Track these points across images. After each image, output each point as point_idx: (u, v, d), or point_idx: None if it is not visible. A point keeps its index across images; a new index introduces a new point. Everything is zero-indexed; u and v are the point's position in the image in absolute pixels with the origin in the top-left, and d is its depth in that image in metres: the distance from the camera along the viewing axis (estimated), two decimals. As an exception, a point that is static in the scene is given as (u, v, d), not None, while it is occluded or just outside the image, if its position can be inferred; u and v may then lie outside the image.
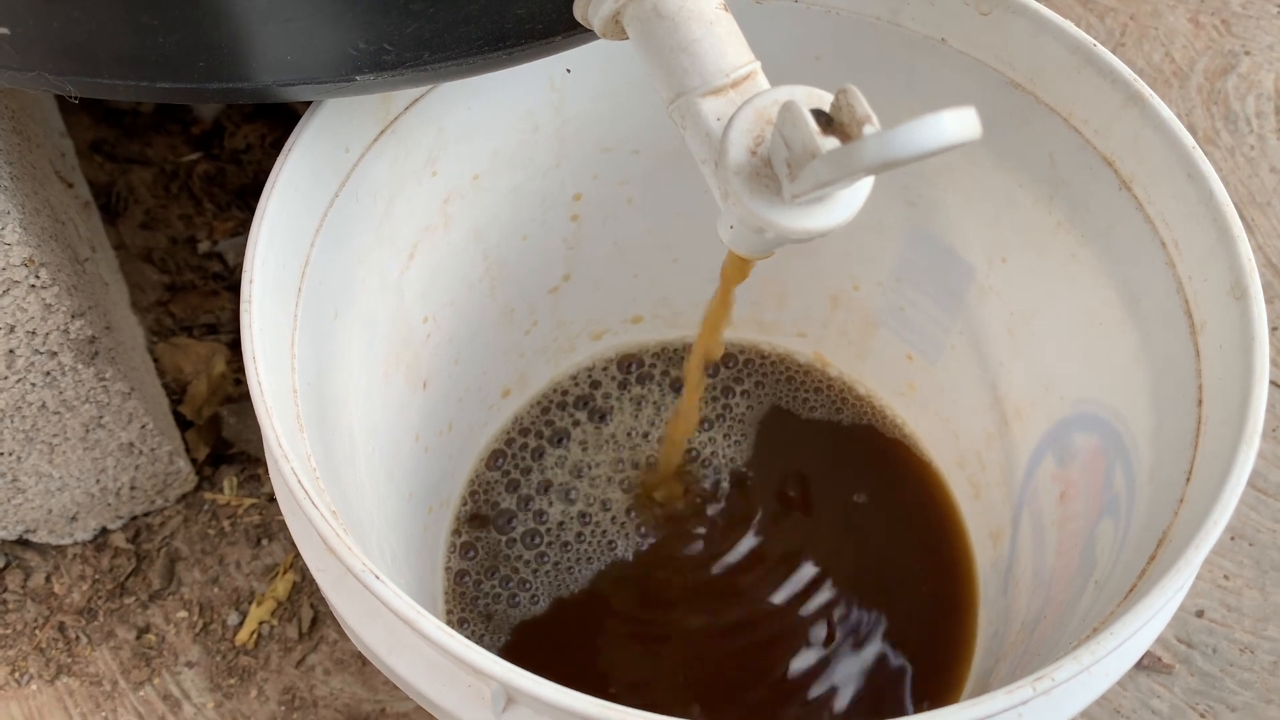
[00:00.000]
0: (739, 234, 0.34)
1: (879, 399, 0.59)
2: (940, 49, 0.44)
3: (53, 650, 0.57)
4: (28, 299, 0.46)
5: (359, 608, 0.34)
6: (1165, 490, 0.37)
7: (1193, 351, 0.38)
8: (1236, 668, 0.57)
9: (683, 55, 0.33)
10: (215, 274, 0.69)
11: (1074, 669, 0.30)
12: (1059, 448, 0.47)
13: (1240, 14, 0.81)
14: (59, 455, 0.54)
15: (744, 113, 0.31)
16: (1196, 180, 0.38)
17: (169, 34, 0.30)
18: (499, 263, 0.52)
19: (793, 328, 0.60)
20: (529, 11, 0.34)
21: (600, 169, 0.51)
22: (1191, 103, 0.77)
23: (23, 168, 0.49)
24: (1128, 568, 0.37)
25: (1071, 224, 0.44)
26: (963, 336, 0.53)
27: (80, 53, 0.31)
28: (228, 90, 0.34)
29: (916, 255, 0.52)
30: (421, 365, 0.50)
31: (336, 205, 0.40)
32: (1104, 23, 0.81)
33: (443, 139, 0.45)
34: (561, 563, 0.54)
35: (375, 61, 0.33)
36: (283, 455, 0.32)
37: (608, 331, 0.60)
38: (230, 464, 0.63)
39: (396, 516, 0.48)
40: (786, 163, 0.29)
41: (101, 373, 0.51)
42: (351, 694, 0.56)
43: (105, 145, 0.73)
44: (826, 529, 0.56)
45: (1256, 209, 0.73)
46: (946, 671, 0.51)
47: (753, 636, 0.53)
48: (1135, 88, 0.40)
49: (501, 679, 0.29)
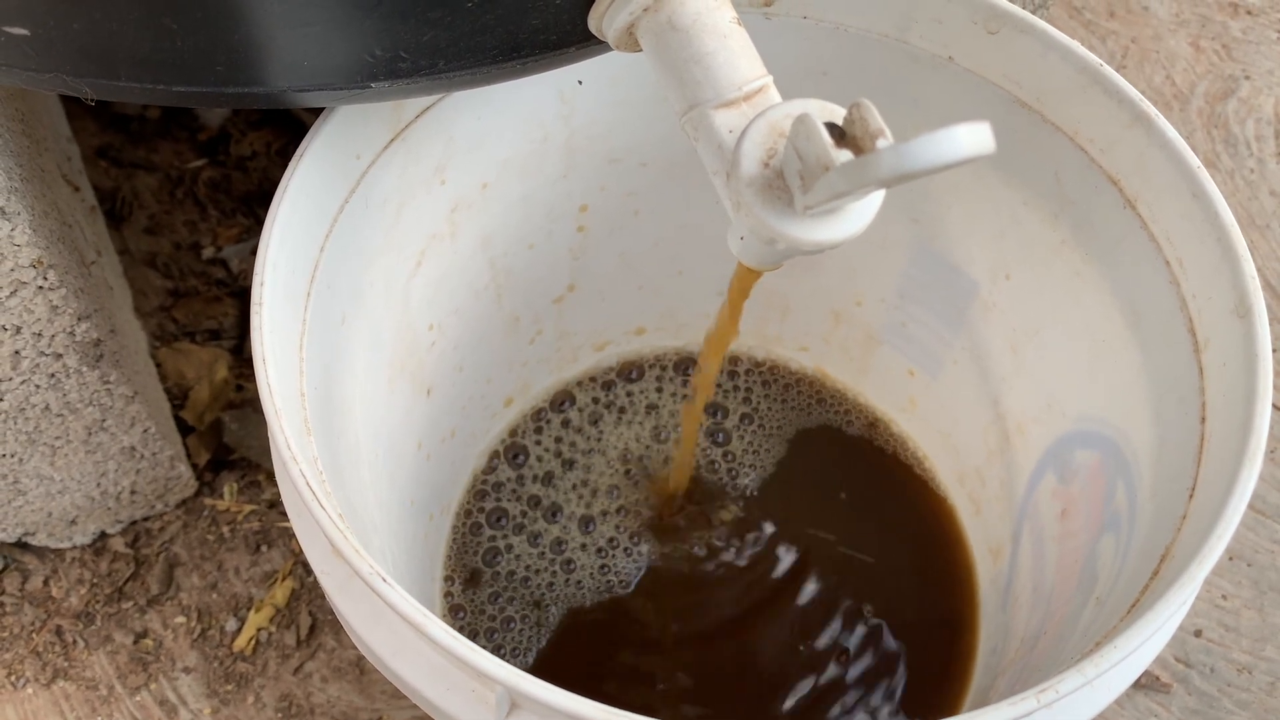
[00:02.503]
0: (749, 245, 0.34)
1: (880, 414, 0.59)
2: (947, 67, 0.44)
3: (49, 654, 0.57)
4: (35, 300, 0.46)
5: (364, 611, 0.34)
6: (1167, 506, 0.37)
7: (1196, 369, 0.38)
8: (1234, 688, 0.57)
9: (696, 68, 0.33)
10: (219, 280, 0.70)
11: (1078, 681, 0.30)
12: (1060, 464, 0.48)
13: (1241, 39, 0.82)
14: (61, 458, 0.54)
15: (757, 125, 0.31)
16: (1201, 199, 0.39)
17: (188, 37, 0.31)
18: (505, 272, 0.52)
19: (795, 342, 0.60)
20: (544, 22, 0.34)
21: (608, 180, 0.51)
22: (1192, 126, 0.78)
23: (32, 170, 0.49)
24: (1130, 583, 0.37)
25: (1076, 241, 0.44)
26: (965, 352, 0.53)
27: (99, 55, 0.31)
28: (243, 95, 0.34)
29: (920, 271, 0.52)
30: (426, 372, 0.50)
31: (346, 211, 0.41)
32: (1105, 45, 0.82)
33: (452, 148, 0.45)
34: (561, 573, 0.54)
35: (391, 69, 0.33)
36: (291, 458, 0.32)
37: (611, 342, 0.60)
38: (231, 470, 0.63)
39: (398, 522, 0.48)
40: (799, 175, 0.29)
41: (106, 376, 0.51)
42: (349, 702, 0.56)
43: (111, 150, 0.74)
44: (826, 543, 0.56)
45: (1256, 232, 0.73)
46: (946, 688, 0.51)
47: (751, 650, 0.53)
48: (1141, 108, 0.40)
49: (506, 683, 0.29)
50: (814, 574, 0.55)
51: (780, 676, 0.52)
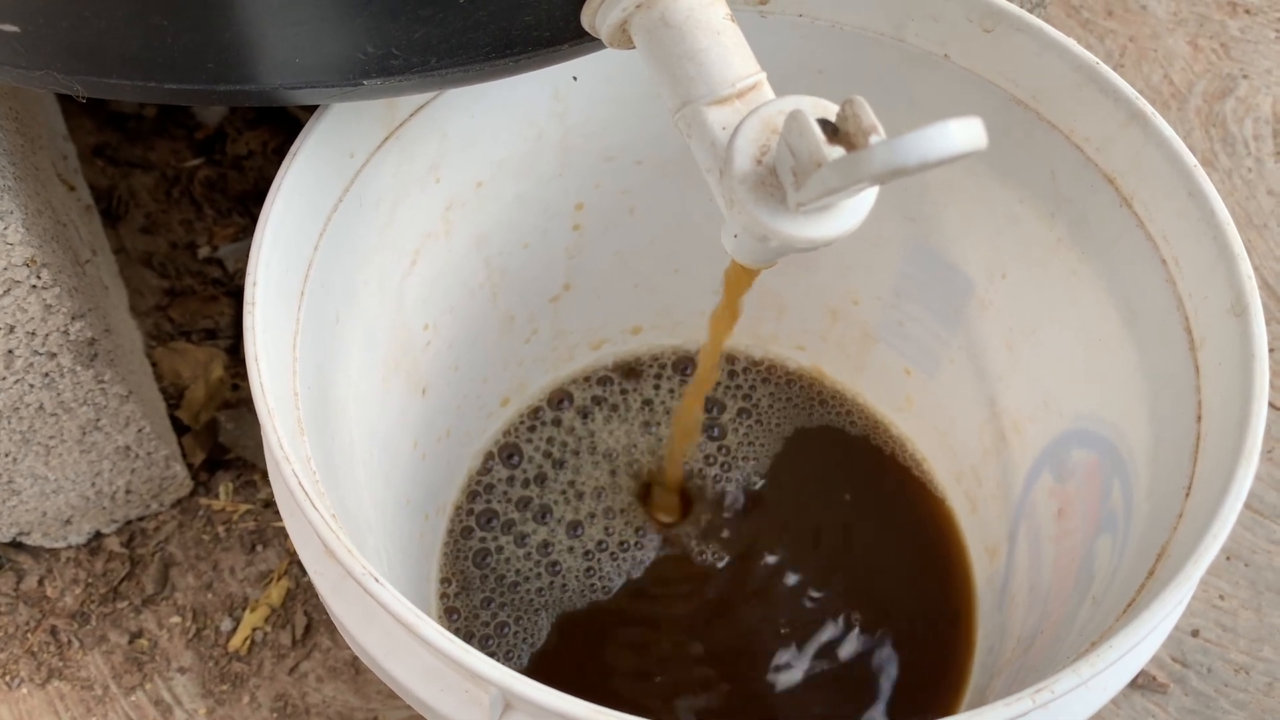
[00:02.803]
0: (743, 243, 0.34)
1: (876, 412, 0.59)
2: (943, 65, 0.44)
3: (44, 654, 0.57)
4: (29, 299, 0.45)
5: (357, 611, 0.34)
6: (1164, 505, 0.37)
7: (1192, 368, 0.38)
8: (1231, 688, 0.57)
9: (689, 64, 0.33)
10: (215, 279, 0.69)
11: (1073, 681, 0.30)
12: (1057, 463, 0.47)
13: (1239, 38, 0.82)
14: (55, 457, 0.54)
15: (750, 122, 0.31)
16: (1197, 198, 0.38)
17: (179, 35, 0.31)
18: (500, 270, 0.52)
19: (791, 340, 0.60)
20: (536, 19, 0.34)
21: (603, 178, 0.51)
22: (1190, 125, 0.77)
23: (26, 169, 0.49)
24: (1126, 582, 0.37)
25: (1072, 240, 0.44)
26: (961, 351, 0.53)
27: (90, 52, 0.31)
28: (235, 92, 0.34)
29: (916, 270, 0.52)
30: (421, 371, 0.50)
31: (340, 210, 0.41)
32: (1103, 44, 0.81)
33: (446, 146, 0.45)
34: (557, 573, 0.54)
35: (383, 66, 0.33)
36: (284, 457, 0.32)
37: (607, 341, 0.60)
38: (226, 469, 0.62)
39: (393, 522, 0.48)
40: (792, 171, 0.29)
41: (100, 375, 0.51)
42: (344, 702, 0.56)
43: (107, 149, 0.74)
44: (821, 543, 0.56)
45: (1254, 231, 0.73)
46: (943, 687, 0.51)
47: (747, 650, 0.53)
48: (1137, 106, 0.40)
49: (500, 684, 0.29)
50: (809, 572, 0.54)
51: (775, 675, 0.52)
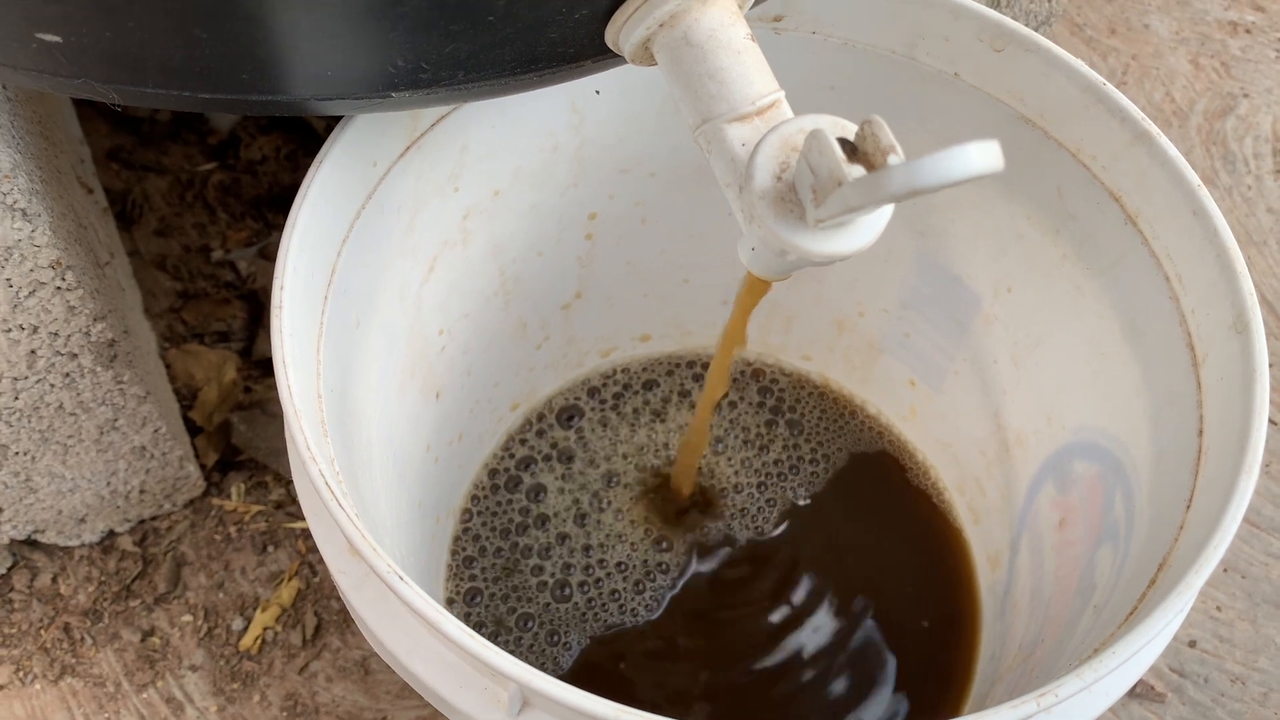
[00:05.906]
0: (760, 256, 0.35)
1: (881, 423, 0.60)
2: (953, 83, 0.45)
3: (57, 650, 0.58)
4: (53, 300, 0.46)
5: (380, 610, 0.35)
6: (1165, 517, 0.38)
7: (1194, 383, 0.39)
8: (1227, 698, 0.58)
9: (710, 82, 0.34)
10: (228, 283, 0.70)
11: (1077, 686, 0.31)
12: (1059, 475, 0.48)
13: (1240, 57, 0.83)
14: (73, 456, 0.54)
15: (770, 139, 0.32)
16: (1201, 217, 0.39)
17: (217, 47, 0.31)
18: (514, 278, 0.53)
19: (798, 350, 0.61)
20: (562, 36, 0.35)
21: (617, 189, 0.52)
22: (1191, 143, 0.79)
23: (50, 172, 0.50)
24: (1127, 592, 0.38)
25: (1078, 256, 0.45)
26: (966, 364, 0.54)
27: (129, 62, 0.32)
28: (267, 102, 0.35)
29: (923, 284, 0.53)
30: (435, 376, 0.51)
31: (363, 217, 0.41)
32: (1106, 62, 0.83)
33: (466, 156, 0.46)
34: (563, 581, 0.55)
35: (412, 79, 0.34)
36: (310, 458, 0.33)
37: (617, 349, 0.61)
38: (239, 470, 0.63)
39: (408, 524, 0.48)
40: (812, 189, 0.30)
41: (119, 376, 0.51)
42: (353, 702, 0.57)
43: (122, 153, 0.74)
44: (826, 551, 0.57)
45: (1254, 248, 0.74)
46: (946, 693, 0.52)
47: (750, 657, 0.53)
48: (1143, 126, 0.41)
49: (520, 680, 0.30)
50: (811, 582, 0.55)
51: (777, 681, 0.53)
